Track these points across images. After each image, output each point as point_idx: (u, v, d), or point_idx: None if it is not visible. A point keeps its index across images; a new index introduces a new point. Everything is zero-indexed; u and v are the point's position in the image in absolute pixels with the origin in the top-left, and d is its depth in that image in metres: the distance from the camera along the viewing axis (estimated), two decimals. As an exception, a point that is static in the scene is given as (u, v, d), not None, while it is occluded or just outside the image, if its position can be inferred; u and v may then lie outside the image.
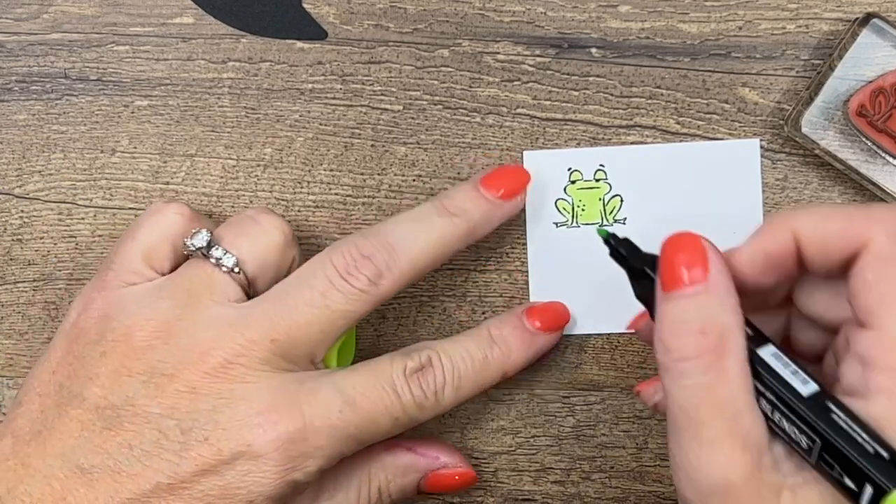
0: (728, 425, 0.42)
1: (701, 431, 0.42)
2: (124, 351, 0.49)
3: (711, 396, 0.42)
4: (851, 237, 0.42)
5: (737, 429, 0.42)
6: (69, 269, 0.57)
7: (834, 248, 0.43)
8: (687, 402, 0.43)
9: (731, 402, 0.42)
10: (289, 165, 0.56)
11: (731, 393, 0.42)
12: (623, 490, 0.56)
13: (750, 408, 0.42)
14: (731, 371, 0.42)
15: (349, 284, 0.49)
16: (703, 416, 0.42)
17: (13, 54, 0.56)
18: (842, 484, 0.39)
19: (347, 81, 0.55)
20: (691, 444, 0.42)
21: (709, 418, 0.42)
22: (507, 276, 0.56)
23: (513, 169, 0.54)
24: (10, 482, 0.47)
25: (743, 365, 0.42)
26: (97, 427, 0.48)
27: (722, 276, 0.43)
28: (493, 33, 0.55)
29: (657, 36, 0.54)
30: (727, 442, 0.42)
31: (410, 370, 0.50)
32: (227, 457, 0.47)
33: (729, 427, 0.42)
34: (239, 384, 0.48)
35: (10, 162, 0.57)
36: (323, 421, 0.48)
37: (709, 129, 0.54)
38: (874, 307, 0.41)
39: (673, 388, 0.43)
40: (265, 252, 0.51)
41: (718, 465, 0.42)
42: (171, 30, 0.56)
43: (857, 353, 0.41)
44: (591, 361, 0.56)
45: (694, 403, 0.42)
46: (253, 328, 0.48)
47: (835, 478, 0.39)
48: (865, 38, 0.52)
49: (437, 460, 0.53)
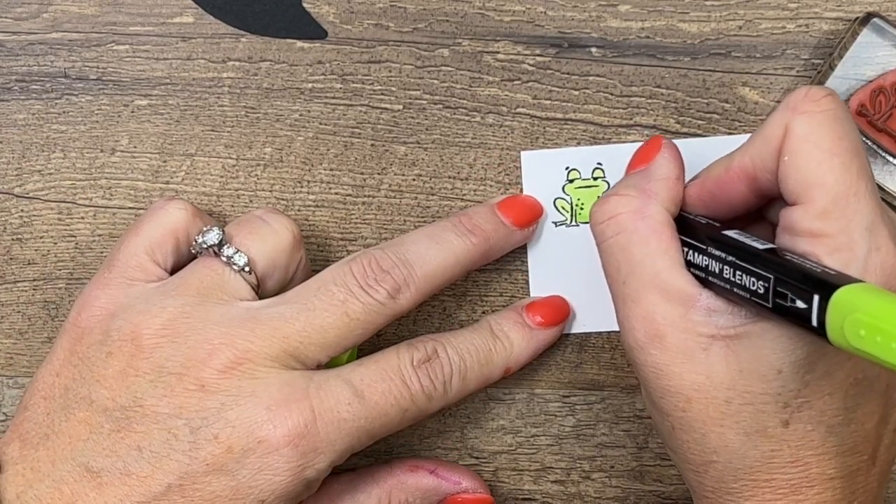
0: (645, 281, 0.46)
1: (623, 289, 0.47)
2: (131, 350, 0.48)
3: (627, 256, 0.47)
4: (775, 138, 0.45)
5: (655, 284, 0.46)
6: (69, 269, 0.57)
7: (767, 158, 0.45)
8: (608, 261, 0.48)
9: (645, 260, 0.46)
10: (289, 165, 0.56)
11: (645, 252, 0.46)
12: (623, 490, 0.56)
13: (668, 265, 0.46)
14: (643, 231, 0.47)
15: (369, 296, 0.49)
16: (623, 275, 0.47)
17: (13, 54, 0.56)
18: (794, 315, 0.42)
19: (347, 81, 0.55)
20: (618, 302, 0.47)
21: (627, 276, 0.47)
22: (507, 276, 0.56)
23: (529, 199, 0.55)
24: (20, 487, 0.47)
25: (658, 229, 0.47)
26: (105, 429, 0.48)
27: (665, 161, 0.48)
28: (493, 33, 0.55)
29: (657, 35, 0.54)
30: (647, 297, 0.46)
31: (418, 361, 0.50)
32: (238, 454, 0.47)
33: (646, 283, 0.46)
34: (248, 380, 0.48)
35: (9, 161, 0.56)
36: (333, 414, 0.48)
37: (709, 128, 0.54)
38: (794, 185, 0.44)
39: (599, 251, 0.48)
40: (275, 252, 0.51)
41: (643, 317, 0.46)
42: (171, 29, 0.56)
43: (785, 226, 0.45)
44: (591, 361, 0.56)
45: (614, 264, 0.47)
46: (264, 326, 0.48)
47: (787, 309, 0.42)
48: (866, 37, 0.52)
49: (458, 485, 0.53)
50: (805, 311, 0.41)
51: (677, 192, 0.48)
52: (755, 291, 0.43)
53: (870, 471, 0.46)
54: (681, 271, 0.46)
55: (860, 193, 0.44)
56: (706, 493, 0.47)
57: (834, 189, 0.43)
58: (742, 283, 0.44)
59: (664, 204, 0.48)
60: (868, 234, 0.43)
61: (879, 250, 0.43)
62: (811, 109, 0.44)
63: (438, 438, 0.57)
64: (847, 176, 0.44)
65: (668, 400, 0.46)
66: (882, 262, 0.43)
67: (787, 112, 0.45)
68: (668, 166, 0.49)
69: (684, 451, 0.46)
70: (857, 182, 0.44)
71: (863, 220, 0.43)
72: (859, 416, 0.45)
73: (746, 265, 0.44)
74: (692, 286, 0.46)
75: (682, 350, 0.45)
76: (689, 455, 0.46)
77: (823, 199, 0.44)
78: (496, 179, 0.55)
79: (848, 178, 0.44)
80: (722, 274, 0.45)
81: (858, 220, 0.43)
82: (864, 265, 0.43)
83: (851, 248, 0.43)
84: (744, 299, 0.44)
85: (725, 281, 0.45)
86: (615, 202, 0.48)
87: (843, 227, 0.43)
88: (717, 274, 0.45)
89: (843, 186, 0.43)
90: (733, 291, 0.45)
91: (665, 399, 0.46)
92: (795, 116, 0.44)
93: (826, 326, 0.40)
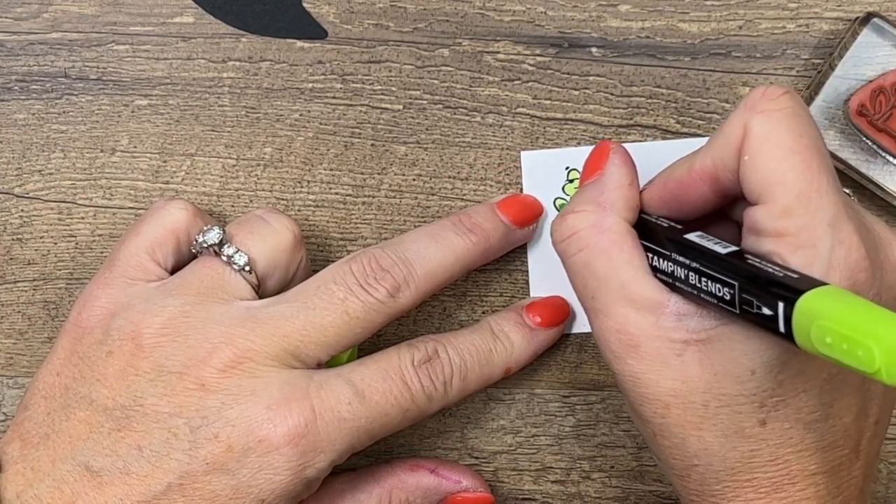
0: (613, 295, 0.46)
1: (593, 304, 0.47)
2: (131, 350, 0.48)
3: (592, 272, 0.47)
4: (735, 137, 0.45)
5: (623, 296, 0.46)
6: (69, 269, 0.57)
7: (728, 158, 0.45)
8: (574, 279, 0.48)
9: (609, 274, 0.46)
10: (289, 165, 0.56)
11: (608, 266, 0.46)
12: (623, 489, 0.56)
13: (633, 275, 0.46)
14: (603, 245, 0.47)
15: (369, 294, 0.49)
16: (591, 290, 0.47)
17: (13, 54, 0.56)
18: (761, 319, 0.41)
19: (347, 81, 0.55)
20: (591, 317, 0.47)
21: (595, 291, 0.47)
22: (507, 276, 0.56)
23: (529, 199, 0.55)
24: (20, 486, 0.47)
25: (618, 240, 0.47)
26: (106, 429, 0.48)
27: (616, 169, 0.48)
28: (493, 33, 0.55)
29: (657, 35, 0.54)
30: (616, 309, 0.46)
31: (418, 361, 0.50)
32: (238, 453, 0.47)
33: (614, 296, 0.46)
34: (248, 380, 0.48)
35: (9, 161, 0.56)
36: (333, 414, 0.48)
37: (709, 128, 0.54)
38: (755, 185, 0.44)
39: (565, 268, 0.48)
40: (275, 252, 0.51)
41: (615, 329, 0.46)
42: (171, 29, 0.56)
43: (749, 226, 0.45)
44: (591, 361, 0.56)
45: (581, 281, 0.47)
46: (265, 325, 0.48)
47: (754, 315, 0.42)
48: (866, 37, 0.52)
49: (458, 484, 0.53)
50: (771, 317, 0.41)
51: (633, 198, 0.48)
52: (722, 297, 0.43)
53: (853, 464, 0.46)
54: (647, 279, 0.46)
55: (822, 190, 0.43)
56: (691, 497, 0.47)
57: (795, 187, 0.43)
58: (708, 289, 0.44)
59: (621, 214, 0.47)
60: (831, 229, 0.43)
61: (843, 244, 0.43)
62: (769, 108, 0.44)
63: (438, 438, 0.57)
64: (808, 173, 0.43)
65: (647, 407, 0.46)
66: (846, 256, 0.43)
67: (745, 111, 0.45)
68: (619, 173, 0.48)
69: (666, 456, 0.47)
70: (819, 178, 0.43)
71: (825, 217, 0.43)
72: (836, 411, 0.45)
73: (710, 272, 0.44)
74: (660, 293, 0.46)
75: (656, 357, 0.45)
76: (672, 460, 0.47)
77: (785, 197, 0.43)
78: (496, 179, 0.55)
79: (809, 175, 0.43)
80: (688, 280, 0.45)
81: (821, 217, 0.43)
82: (828, 261, 0.43)
83: (815, 244, 0.43)
84: (712, 304, 0.44)
85: (692, 287, 0.45)
86: (572, 219, 0.48)
87: (805, 224, 0.43)
88: (684, 279, 0.45)
89: (805, 184, 0.43)
90: (700, 297, 0.45)
91: (644, 406, 0.46)
92: (754, 115, 0.44)
93: (793, 333, 0.40)
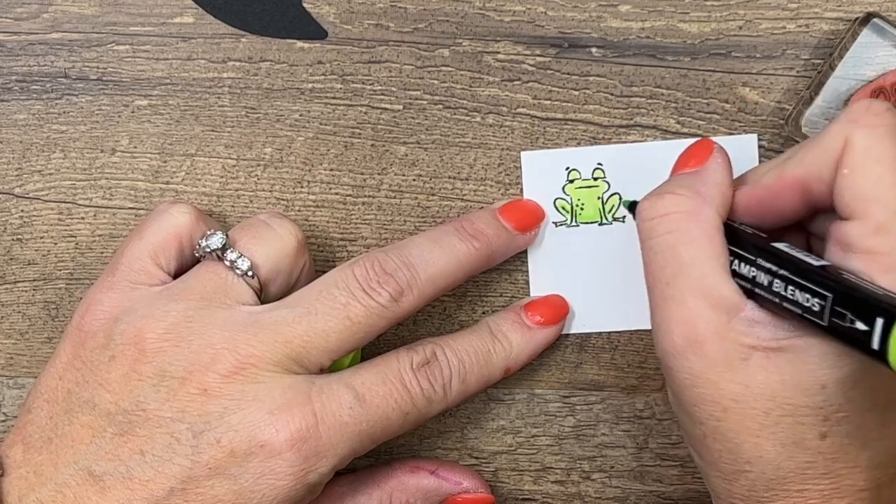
0: (691, 284, 0.45)
1: (666, 290, 0.46)
2: (134, 354, 0.48)
3: (675, 256, 0.46)
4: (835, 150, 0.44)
5: (701, 288, 0.45)
6: (69, 269, 0.57)
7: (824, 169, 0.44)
8: (653, 259, 0.46)
9: (694, 263, 0.45)
10: (289, 165, 0.56)
11: (695, 255, 0.45)
12: (623, 490, 0.56)
13: (716, 271, 0.45)
14: (695, 234, 0.46)
15: (371, 299, 0.49)
16: (668, 275, 0.46)
17: (13, 54, 0.56)
18: (851, 335, 0.41)
19: (347, 81, 0.55)
20: (659, 303, 0.46)
21: (672, 277, 0.45)
22: (507, 276, 0.56)
23: (531, 204, 0.54)
24: (22, 490, 0.47)
25: (710, 233, 0.46)
26: (108, 433, 0.48)
27: (718, 166, 0.47)
28: (493, 33, 0.55)
29: (657, 35, 0.54)
30: (691, 301, 0.45)
31: (417, 364, 0.50)
32: (240, 458, 0.47)
33: (692, 286, 0.45)
34: (250, 385, 0.48)
35: (10, 162, 0.56)
36: (335, 418, 0.48)
37: (709, 128, 0.54)
38: (851, 199, 0.43)
39: (644, 248, 0.47)
40: (279, 257, 0.51)
41: (684, 321, 0.45)
42: (171, 29, 0.56)
43: (838, 241, 0.44)
44: (591, 361, 0.56)
45: (660, 263, 0.46)
46: (267, 330, 0.48)
47: (845, 329, 0.41)
48: (866, 37, 0.52)
49: (459, 485, 0.53)
50: (865, 333, 0.40)
51: (729, 199, 0.47)
52: (808, 308, 0.43)
53: (893, 484, 0.46)
54: (727, 279, 0.45)
55: None
56: (734, 500, 0.46)
57: (893, 205, 0.43)
58: (794, 298, 0.43)
59: (717, 209, 0.47)
60: None
61: None
62: (874, 123, 0.44)
63: (439, 439, 0.57)
64: None
65: (703, 408, 0.45)
66: None
67: (848, 124, 0.44)
68: (721, 172, 0.47)
69: (714, 458, 0.46)
70: None
71: None
72: (891, 432, 0.45)
73: (802, 281, 0.43)
74: (737, 295, 0.45)
75: (721, 359, 0.45)
76: (721, 463, 0.46)
77: (881, 214, 0.43)
78: (496, 180, 0.55)
79: None
80: (771, 287, 0.44)
81: None
82: None
83: None
84: (793, 314, 0.44)
85: (774, 294, 0.44)
86: (669, 200, 0.47)
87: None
88: (766, 286, 0.44)
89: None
90: (782, 305, 0.44)
91: (699, 407, 0.45)
92: (857, 129, 0.44)
93: (888, 350, 0.39)
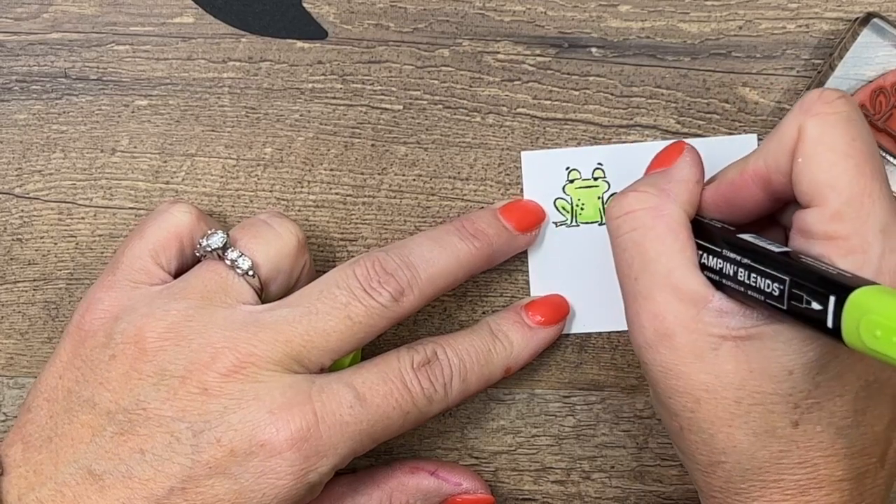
0: (658, 279, 0.46)
1: (635, 286, 0.47)
2: (134, 353, 0.48)
3: (641, 252, 0.47)
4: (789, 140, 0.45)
5: (668, 282, 0.46)
6: (69, 269, 0.57)
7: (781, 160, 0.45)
8: (621, 257, 0.47)
9: (660, 258, 0.46)
10: (289, 165, 0.56)
11: (660, 250, 0.46)
12: (623, 490, 0.56)
13: (682, 265, 0.46)
14: (659, 230, 0.47)
15: (372, 298, 0.49)
16: (635, 271, 0.47)
17: (13, 54, 0.56)
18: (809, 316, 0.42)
19: (347, 81, 0.55)
20: (629, 299, 0.47)
21: (640, 273, 0.47)
22: (507, 276, 0.56)
23: (531, 204, 0.55)
24: (22, 489, 0.47)
25: (675, 228, 0.47)
26: (108, 432, 0.48)
27: (685, 164, 0.48)
28: (493, 33, 0.55)
29: (657, 35, 0.54)
30: (659, 295, 0.46)
31: (418, 363, 0.50)
32: (240, 457, 0.47)
33: (659, 281, 0.46)
34: (251, 384, 0.48)
35: (10, 162, 0.56)
36: (335, 417, 0.48)
37: (709, 128, 0.54)
38: (807, 187, 0.44)
39: (612, 246, 0.48)
40: (279, 257, 0.51)
41: (653, 315, 0.46)
42: (171, 29, 0.56)
43: (799, 228, 0.45)
44: (591, 361, 0.56)
45: (627, 260, 0.47)
46: (268, 330, 0.48)
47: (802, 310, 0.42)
48: (866, 37, 0.52)
49: (459, 486, 0.53)
50: (821, 312, 0.41)
51: (695, 196, 0.48)
52: (770, 293, 0.43)
53: (878, 473, 0.46)
54: (694, 272, 0.46)
55: (874, 195, 0.43)
56: (714, 493, 0.47)
57: (847, 191, 0.43)
58: (756, 285, 0.44)
59: (682, 205, 0.47)
60: (882, 235, 0.43)
61: (894, 252, 0.43)
62: (825, 111, 0.44)
63: (438, 439, 0.57)
64: (860, 178, 0.44)
65: (677, 400, 0.46)
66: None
67: (800, 114, 0.45)
68: (688, 169, 0.48)
69: (692, 451, 0.46)
70: (871, 184, 0.44)
71: (877, 223, 0.43)
72: (869, 419, 0.45)
73: (761, 267, 0.44)
74: (705, 287, 0.46)
75: (691, 350, 0.45)
76: (698, 455, 0.46)
77: (837, 200, 0.43)
78: (496, 180, 0.55)
79: (861, 180, 0.43)
80: (736, 276, 0.45)
81: (872, 223, 0.43)
82: (877, 267, 0.43)
83: (865, 250, 0.43)
84: (758, 301, 0.44)
85: (739, 283, 0.45)
86: (633, 198, 0.48)
87: (856, 228, 0.43)
88: (731, 276, 0.45)
89: (857, 188, 0.43)
90: (747, 294, 0.45)
91: (673, 399, 0.46)
92: (809, 118, 0.44)
93: (841, 328, 0.40)
